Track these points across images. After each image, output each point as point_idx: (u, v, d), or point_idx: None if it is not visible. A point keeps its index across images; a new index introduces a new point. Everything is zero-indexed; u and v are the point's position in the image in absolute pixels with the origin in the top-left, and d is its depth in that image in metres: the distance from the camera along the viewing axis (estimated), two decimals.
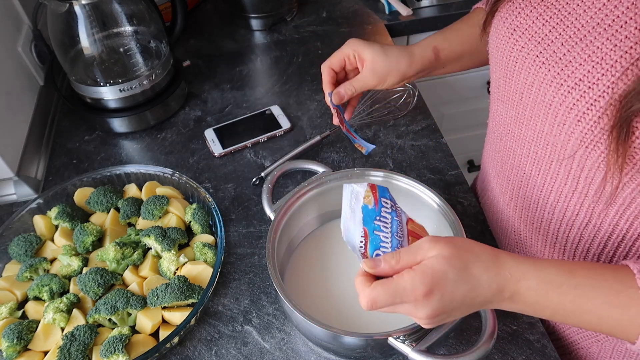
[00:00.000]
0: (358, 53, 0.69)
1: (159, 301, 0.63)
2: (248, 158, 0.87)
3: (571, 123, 0.48)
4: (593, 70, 0.45)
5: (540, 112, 0.53)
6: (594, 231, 0.55)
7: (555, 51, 0.49)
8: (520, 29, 0.53)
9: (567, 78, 0.47)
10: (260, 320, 0.66)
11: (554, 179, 0.55)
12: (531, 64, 0.52)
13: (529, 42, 0.52)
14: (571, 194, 0.54)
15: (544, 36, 0.51)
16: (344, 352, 0.59)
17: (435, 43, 0.67)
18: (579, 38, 0.47)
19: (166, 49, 0.93)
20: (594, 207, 0.53)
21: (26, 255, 0.71)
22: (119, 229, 0.75)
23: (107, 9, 0.85)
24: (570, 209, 0.56)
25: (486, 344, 0.50)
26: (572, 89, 0.47)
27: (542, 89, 0.51)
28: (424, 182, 0.64)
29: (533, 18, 0.52)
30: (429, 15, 1.17)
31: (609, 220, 0.53)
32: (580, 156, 0.49)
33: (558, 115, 0.49)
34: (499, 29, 0.56)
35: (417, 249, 0.44)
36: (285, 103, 0.97)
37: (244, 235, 0.76)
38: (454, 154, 0.85)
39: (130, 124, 0.91)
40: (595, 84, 0.45)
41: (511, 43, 0.54)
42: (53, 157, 0.90)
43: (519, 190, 0.63)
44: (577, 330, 0.66)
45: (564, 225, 0.58)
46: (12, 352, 0.61)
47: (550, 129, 0.52)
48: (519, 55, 0.53)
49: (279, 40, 1.13)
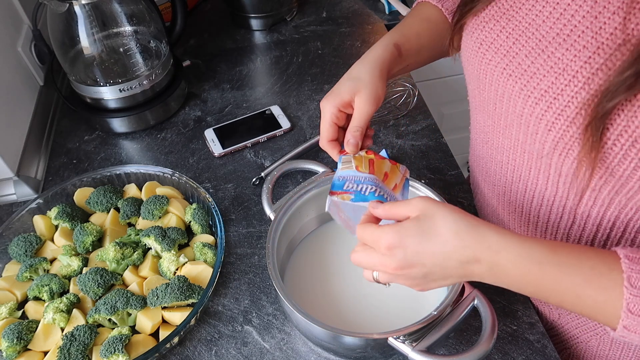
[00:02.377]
0: (340, 104, 0.61)
1: (159, 301, 0.63)
2: (248, 158, 0.87)
3: (542, 132, 0.48)
4: (556, 81, 0.46)
5: (513, 122, 0.53)
6: (579, 231, 0.56)
7: (520, 63, 0.50)
8: (487, 43, 0.54)
9: (534, 89, 0.48)
10: (260, 320, 0.66)
11: (535, 184, 0.56)
12: (499, 76, 0.52)
13: (495, 55, 0.53)
14: (552, 198, 0.55)
15: (509, 49, 0.51)
16: (344, 352, 0.59)
17: (394, 40, 0.65)
18: (540, 49, 0.48)
19: (166, 49, 0.93)
20: (576, 209, 0.53)
21: (26, 255, 0.71)
22: (119, 229, 0.75)
23: (107, 9, 0.85)
24: (554, 212, 0.56)
25: (486, 344, 0.50)
26: (539, 100, 0.47)
27: (512, 100, 0.51)
28: (424, 182, 0.64)
29: (497, 31, 0.53)
30: None
31: (591, 221, 0.53)
32: (555, 163, 0.50)
33: (530, 125, 0.50)
34: (468, 43, 0.57)
35: (407, 205, 0.47)
36: (285, 103, 0.97)
37: (244, 235, 0.76)
38: (454, 154, 0.85)
39: (130, 124, 0.91)
40: (560, 94, 0.45)
41: (479, 57, 0.55)
42: (53, 157, 0.90)
43: (504, 194, 0.64)
44: (576, 324, 0.66)
45: (550, 227, 0.59)
46: (12, 352, 0.61)
47: (524, 137, 0.53)
48: (487, 69, 0.54)
49: (279, 40, 1.13)
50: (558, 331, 0.70)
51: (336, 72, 1.03)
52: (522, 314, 0.65)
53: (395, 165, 0.59)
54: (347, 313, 0.63)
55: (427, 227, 0.45)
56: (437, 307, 0.53)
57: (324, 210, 0.70)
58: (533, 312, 0.65)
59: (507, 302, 0.66)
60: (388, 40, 0.65)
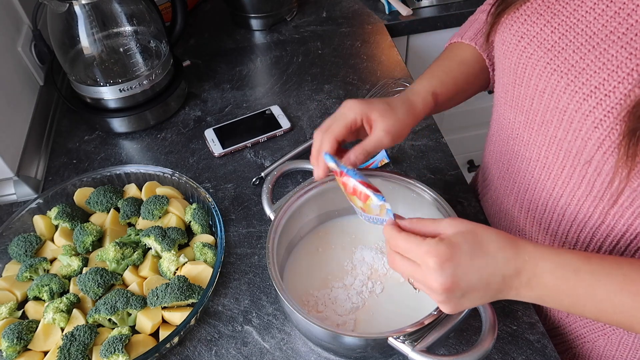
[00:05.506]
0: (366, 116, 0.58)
1: (159, 301, 0.63)
2: (248, 158, 0.87)
3: (588, 129, 0.48)
4: (609, 78, 0.45)
5: (553, 119, 0.53)
6: (606, 231, 0.55)
7: (567, 58, 0.49)
8: (528, 36, 0.53)
9: (582, 85, 0.47)
10: (260, 320, 0.66)
11: (566, 183, 0.55)
12: (542, 71, 0.52)
13: (537, 49, 0.52)
14: (584, 197, 0.54)
15: (554, 43, 0.51)
16: (344, 352, 0.59)
17: (433, 89, 0.62)
18: (591, 45, 0.47)
19: (166, 49, 0.93)
20: (609, 209, 0.53)
21: (26, 255, 0.71)
22: (119, 229, 0.75)
23: (107, 9, 0.85)
24: (582, 211, 0.56)
25: (486, 344, 0.50)
26: (588, 97, 0.47)
27: (554, 95, 0.51)
28: (424, 182, 0.64)
29: (541, 25, 0.52)
30: (429, 15, 1.17)
31: (623, 221, 0.53)
32: (597, 161, 0.49)
33: (574, 122, 0.49)
34: (505, 37, 0.56)
35: (439, 223, 0.47)
36: (285, 103, 0.97)
37: (244, 235, 0.76)
38: (454, 154, 0.85)
39: (130, 124, 0.91)
40: (612, 92, 0.45)
41: (519, 50, 0.54)
42: (53, 157, 0.90)
43: (525, 192, 0.63)
44: (584, 323, 0.66)
45: (575, 226, 0.58)
46: (12, 352, 0.61)
47: (564, 134, 0.52)
48: (527, 63, 0.53)
49: (279, 40, 1.13)
50: (563, 331, 0.69)
51: (336, 72, 1.03)
52: (522, 314, 0.65)
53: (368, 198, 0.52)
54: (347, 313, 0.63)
55: (476, 242, 0.45)
56: (437, 307, 0.53)
57: (324, 210, 0.70)
58: (533, 312, 0.65)
59: (507, 302, 0.66)
60: (426, 88, 0.63)
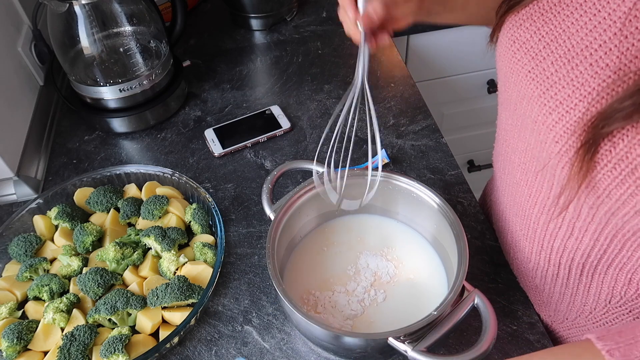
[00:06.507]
0: None
1: (159, 301, 0.63)
2: (248, 158, 0.87)
3: (550, 142, 0.48)
4: (573, 94, 0.45)
5: (527, 126, 0.53)
6: (576, 243, 0.55)
7: (545, 69, 0.49)
8: (519, 42, 0.53)
9: (550, 99, 0.48)
10: (260, 320, 0.66)
11: (539, 191, 0.56)
12: (523, 78, 0.52)
13: (524, 56, 0.52)
14: (553, 207, 0.55)
15: (538, 52, 0.50)
16: (344, 352, 0.59)
17: None
18: (567, 59, 0.47)
19: (166, 49, 0.93)
20: (575, 222, 0.53)
21: (26, 255, 0.71)
22: (119, 229, 0.75)
23: (107, 9, 0.85)
24: (553, 221, 0.56)
25: (486, 344, 0.50)
26: (554, 110, 0.47)
27: (529, 104, 0.51)
28: (424, 182, 0.64)
29: (531, 32, 0.52)
30: None
31: (589, 236, 0.53)
32: (557, 175, 0.50)
33: (541, 133, 0.50)
34: (502, 39, 0.56)
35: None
36: (285, 103, 0.97)
37: (244, 235, 0.76)
38: (454, 154, 0.85)
39: (130, 124, 0.91)
40: (573, 108, 0.45)
41: (510, 55, 0.54)
42: (53, 157, 0.90)
43: (512, 195, 0.64)
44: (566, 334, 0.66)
45: (549, 234, 0.58)
46: (12, 352, 0.61)
47: (535, 143, 0.52)
48: (514, 68, 0.54)
49: (279, 40, 1.13)
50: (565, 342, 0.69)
51: (336, 72, 1.03)
52: (522, 314, 0.65)
53: None
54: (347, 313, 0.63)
55: None
56: (437, 307, 0.53)
57: (324, 210, 0.70)
58: (533, 312, 0.65)
59: (507, 302, 0.66)
60: None
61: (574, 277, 0.59)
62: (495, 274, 0.69)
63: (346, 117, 0.57)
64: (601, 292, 0.57)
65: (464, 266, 0.55)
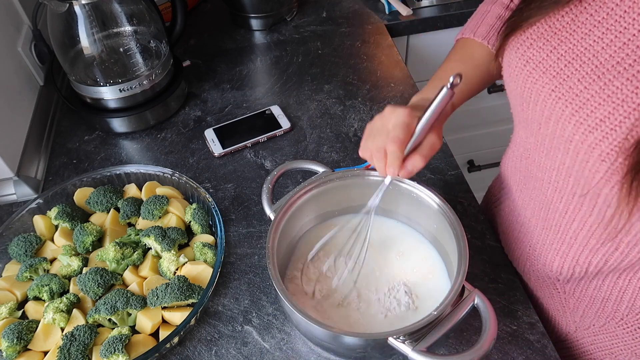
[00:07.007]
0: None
1: (159, 301, 0.63)
2: (248, 158, 0.87)
3: (595, 161, 0.47)
4: (614, 111, 0.44)
5: (560, 146, 0.51)
6: (621, 257, 0.54)
7: (572, 87, 0.48)
8: (534, 62, 0.52)
9: (587, 117, 0.46)
10: (260, 320, 0.66)
11: (578, 209, 0.54)
12: (547, 97, 0.50)
13: (543, 75, 0.51)
14: (596, 225, 0.53)
15: (560, 70, 0.49)
16: (344, 352, 0.59)
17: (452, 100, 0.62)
18: (597, 75, 0.46)
19: (166, 49, 0.93)
20: (623, 237, 0.51)
21: (26, 255, 0.71)
22: (119, 229, 0.75)
23: (107, 9, 0.85)
24: (595, 237, 0.54)
25: (486, 344, 0.50)
26: (594, 129, 0.46)
27: (560, 124, 0.50)
28: (424, 182, 0.64)
29: (547, 51, 0.51)
30: (429, 15, 1.17)
31: (637, 249, 0.51)
32: (606, 194, 0.48)
33: (580, 153, 0.48)
34: (512, 59, 0.55)
35: None
36: (285, 103, 0.97)
37: (244, 235, 0.76)
38: (454, 154, 0.85)
39: (130, 124, 0.91)
40: (619, 126, 0.44)
41: (524, 75, 0.53)
42: (53, 157, 0.90)
43: (540, 211, 0.62)
44: (591, 340, 0.66)
45: (587, 250, 0.57)
46: (12, 352, 0.61)
47: (572, 163, 0.51)
48: (533, 88, 0.52)
49: (279, 40, 1.13)
50: (570, 345, 0.69)
51: (336, 72, 1.03)
52: (522, 314, 0.65)
53: None
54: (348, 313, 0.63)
55: None
56: (437, 307, 0.53)
57: (324, 210, 0.70)
58: (533, 312, 0.65)
59: (507, 302, 0.66)
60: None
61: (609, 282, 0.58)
62: (495, 274, 0.69)
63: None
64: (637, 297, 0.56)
65: (464, 266, 0.55)
